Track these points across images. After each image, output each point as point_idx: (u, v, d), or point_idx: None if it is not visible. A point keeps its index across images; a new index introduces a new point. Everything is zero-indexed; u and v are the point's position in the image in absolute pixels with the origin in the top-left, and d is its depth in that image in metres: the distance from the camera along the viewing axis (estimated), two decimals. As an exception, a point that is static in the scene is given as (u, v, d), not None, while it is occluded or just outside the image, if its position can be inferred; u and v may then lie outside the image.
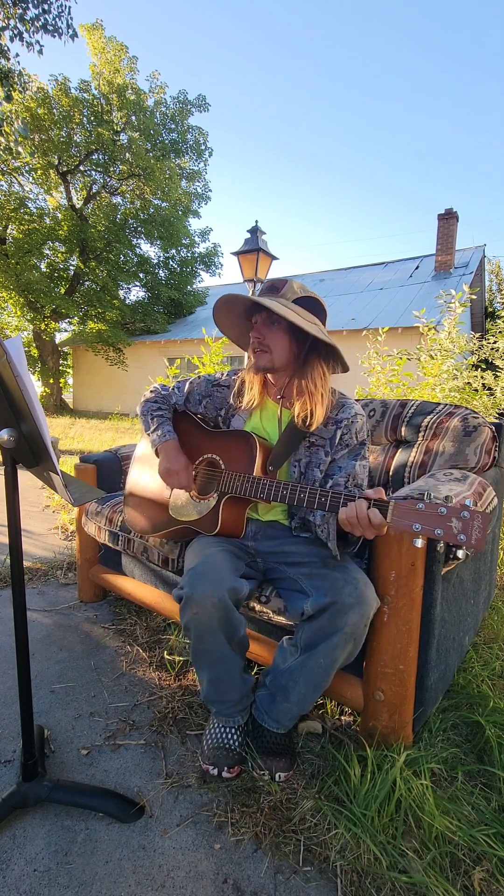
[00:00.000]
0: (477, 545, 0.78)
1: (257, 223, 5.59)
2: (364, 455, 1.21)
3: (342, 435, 1.20)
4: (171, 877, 0.89)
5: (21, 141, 10.76)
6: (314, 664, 1.03)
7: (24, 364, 0.79)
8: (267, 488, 1.10)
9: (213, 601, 1.01)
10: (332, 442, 1.20)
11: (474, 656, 1.53)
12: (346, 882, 0.87)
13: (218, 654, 1.08)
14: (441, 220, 12.29)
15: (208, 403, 1.40)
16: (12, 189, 13.68)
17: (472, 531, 0.79)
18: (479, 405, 3.35)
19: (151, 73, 16.02)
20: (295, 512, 1.24)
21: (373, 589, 1.02)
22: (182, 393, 1.43)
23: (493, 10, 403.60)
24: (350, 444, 1.21)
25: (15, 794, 0.99)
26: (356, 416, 1.22)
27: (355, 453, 1.21)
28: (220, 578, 1.02)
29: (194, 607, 1.02)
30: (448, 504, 0.82)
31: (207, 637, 1.05)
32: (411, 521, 0.84)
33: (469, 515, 0.79)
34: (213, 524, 1.20)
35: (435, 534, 0.82)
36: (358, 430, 1.21)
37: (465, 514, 0.80)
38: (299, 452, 1.22)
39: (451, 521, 0.81)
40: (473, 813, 1.00)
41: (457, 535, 0.80)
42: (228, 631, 1.06)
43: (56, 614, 1.88)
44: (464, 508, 0.80)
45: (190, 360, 5.06)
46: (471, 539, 0.79)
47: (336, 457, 1.20)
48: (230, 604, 1.03)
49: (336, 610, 0.98)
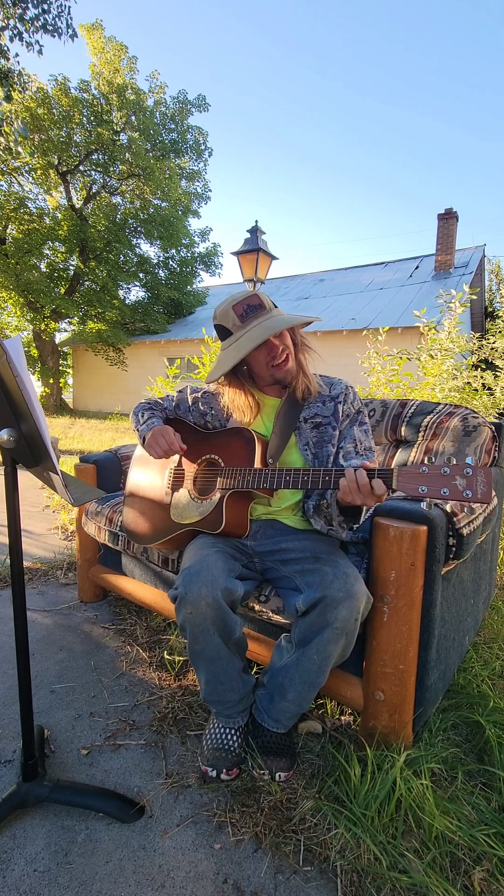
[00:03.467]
0: (483, 498, 0.79)
1: (257, 223, 5.59)
2: (363, 420, 1.30)
3: (342, 407, 1.28)
4: (171, 877, 0.89)
5: (21, 141, 10.77)
6: (308, 660, 1.04)
7: (23, 364, 0.79)
8: (270, 476, 1.10)
9: (207, 601, 1.01)
10: (336, 417, 1.27)
11: (474, 656, 1.53)
12: (346, 882, 0.87)
13: (214, 654, 1.08)
14: (441, 220, 12.28)
15: (196, 410, 1.42)
16: (12, 189, 13.68)
17: (477, 486, 0.80)
18: (479, 405, 3.35)
19: (151, 73, 16.02)
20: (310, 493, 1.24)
21: (363, 583, 1.02)
22: (172, 400, 1.47)
23: (494, 11, 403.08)
24: (349, 413, 1.30)
25: (15, 794, 0.99)
26: (347, 388, 1.32)
27: (355, 420, 1.30)
28: (214, 579, 1.03)
29: (188, 607, 1.02)
30: (450, 464, 0.83)
31: (202, 637, 1.05)
32: (417, 484, 0.86)
33: (472, 472, 0.81)
34: (218, 522, 1.19)
35: (441, 493, 0.83)
36: (353, 399, 1.31)
37: (468, 470, 0.81)
38: (305, 435, 1.26)
39: (456, 480, 0.82)
40: (473, 813, 1.00)
41: (462, 492, 0.81)
42: (223, 631, 1.06)
43: (56, 614, 1.88)
44: (466, 466, 0.81)
45: (190, 360, 5.06)
46: (476, 493, 0.80)
47: (342, 428, 1.28)
48: (224, 604, 1.03)
49: (325, 605, 0.99)
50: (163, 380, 4.15)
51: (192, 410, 1.43)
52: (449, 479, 0.82)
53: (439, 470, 0.84)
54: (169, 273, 16.84)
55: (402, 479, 0.89)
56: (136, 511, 1.46)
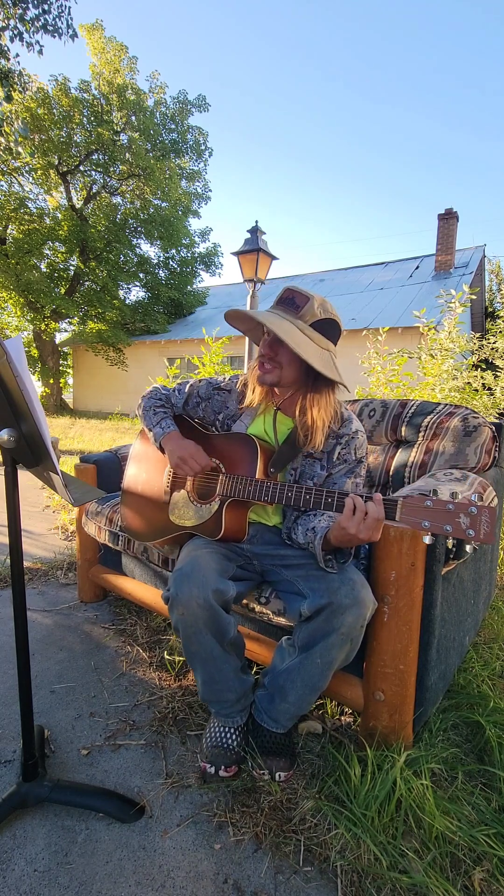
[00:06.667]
0: (486, 539, 0.80)
1: (257, 223, 5.59)
2: (359, 473, 1.22)
3: (340, 450, 1.19)
4: (171, 877, 0.89)
5: (21, 141, 10.78)
6: (311, 664, 1.03)
7: (24, 364, 0.79)
8: (271, 490, 1.09)
9: (198, 602, 1.01)
10: (329, 456, 1.20)
11: (474, 656, 1.53)
12: (347, 882, 0.87)
13: (208, 655, 1.08)
14: (441, 220, 12.28)
15: (207, 406, 1.37)
16: (12, 189, 13.68)
17: (481, 526, 0.80)
18: (479, 405, 3.35)
19: (151, 73, 16.04)
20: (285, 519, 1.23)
21: (369, 590, 1.02)
22: (182, 394, 1.39)
23: (494, 11, 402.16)
24: (348, 461, 1.20)
25: (15, 794, 0.99)
26: (356, 432, 1.21)
27: (351, 470, 1.21)
28: (205, 580, 1.02)
29: (180, 608, 1.02)
30: (455, 500, 0.83)
31: (195, 637, 1.05)
32: (420, 518, 0.86)
33: (476, 511, 0.81)
34: (217, 529, 1.18)
35: (444, 530, 0.83)
36: (357, 447, 1.20)
37: (473, 509, 0.81)
38: (296, 461, 1.22)
39: (460, 517, 0.82)
40: (473, 813, 0.99)
41: (465, 531, 0.81)
42: (217, 632, 1.05)
43: (56, 614, 1.88)
44: (471, 504, 0.81)
45: (190, 360, 5.06)
46: (479, 534, 0.80)
47: (333, 472, 1.20)
48: (216, 605, 1.03)
49: (332, 611, 0.98)
50: (163, 380, 4.15)
51: (201, 406, 1.37)
52: (453, 515, 0.83)
53: (444, 506, 0.84)
54: (169, 273, 16.84)
55: (405, 511, 0.88)
56: (135, 509, 1.46)
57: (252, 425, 1.30)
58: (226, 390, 1.36)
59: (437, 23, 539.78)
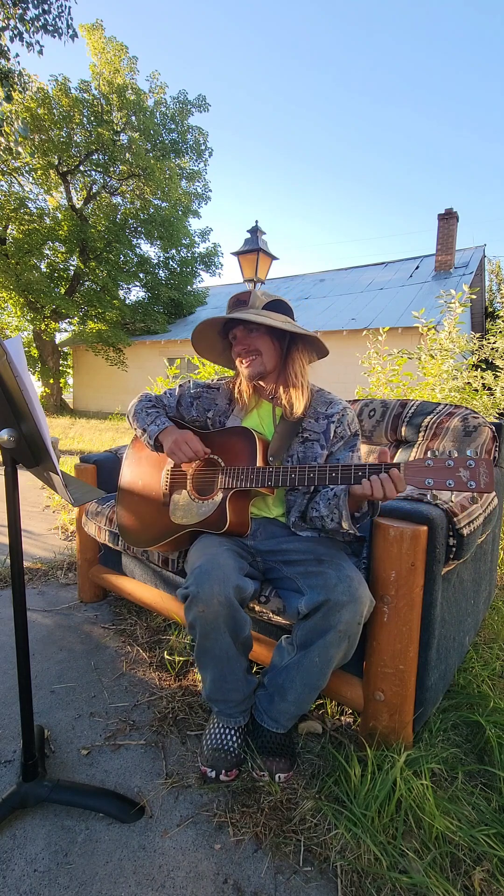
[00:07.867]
0: (486, 488, 0.85)
1: (257, 223, 5.59)
2: (358, 446, 1.30)
3: (335, 428, 1.27)
4: (171, 877, 0.89)
5: (21, 141, 10.78)
6: (309, 663, 1.04)
7: (24, 364, 0.79)
8: (273, 475, 1.11)
9: (220, 599, 1.01)
10: (326, 436, 1.26)
11: (474, 656, 1.53)
12: (347, 882, 0.87)
13: (222, 653, 1.08)
14: (441, 220, 12.28)
15: (199, 405, 1.41)
16: (12, 189, 13.68)
17: (480, 477, 0.86)
18: (479, 405, 3.35)
19: (151, 73, 16.03)
20: (292, 506, 1.26)
21: (366, 587, 1.02)
22: (174, 396, 1.45)
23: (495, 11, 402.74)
24: (344, 436, 1.28)
25: (15, 794, 0.99)
26: (345, 409, 1.30)
27: (350, 444, 1.29)
28: (226, 577, 1.03)
29: (200, 605, 1.02)
30: (454, 457, 0.88)
31: (212, 635, 1.05)
32: (423, 476, 0.91)
33: (475, 463, 0.87)
34: (222, 521, 1.18)
35: (447, 485, 0.88)
36: (350, 421, 1.29)
37: (471, 462, 0.87)
38: (293, 448, 1.25)
39: (460, 472, 0.88)
40: (473, 813, 0.99)
41: (466, 483, 0.87)
42: (234, 629, 1.06)
43: (56, 614, 1.88)
44: (469, 458, 0.87)
45: (190, 360, 5.06)
46: (480, 484, 0.86)
47: (333, 449, 1.28)
48: (236, 602, 1.03)
49: (329, 608, 0.99)
50: (163, 380, 4.15)
51: (194, 405, 1.42)
52: (453, 471, 0.88)
53: (444, 463, 0.89)
54: (169, 273, 16.83)
55: (409, 472, 0.94)
56: (134, 513, 1.46)
57: (246, 419, 1.34)
58: (214, 388, 1.42)
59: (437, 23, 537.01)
